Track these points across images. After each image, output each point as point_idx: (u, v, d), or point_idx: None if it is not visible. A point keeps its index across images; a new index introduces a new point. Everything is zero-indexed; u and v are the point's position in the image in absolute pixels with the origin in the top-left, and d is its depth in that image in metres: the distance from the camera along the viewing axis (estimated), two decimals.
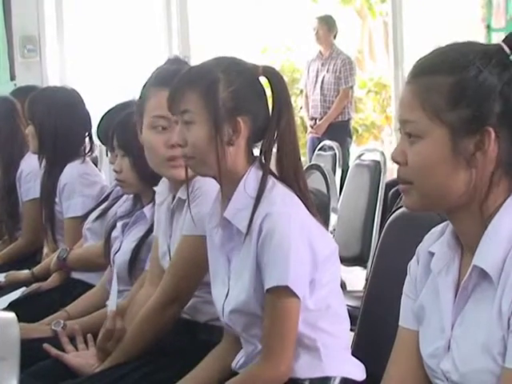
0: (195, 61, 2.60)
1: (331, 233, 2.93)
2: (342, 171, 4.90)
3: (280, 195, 2.31)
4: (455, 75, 1.72)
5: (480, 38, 9.30)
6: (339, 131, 8.25)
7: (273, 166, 2.38)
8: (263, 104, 2.35)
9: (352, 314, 2.54)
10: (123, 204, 3.34)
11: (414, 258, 1.96)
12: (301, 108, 9.47)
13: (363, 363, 2.38)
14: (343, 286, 3.98)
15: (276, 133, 2.34)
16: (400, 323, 1.95)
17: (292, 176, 2.36)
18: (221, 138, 2.30)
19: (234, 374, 2.39)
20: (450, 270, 1.83)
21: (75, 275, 3.75)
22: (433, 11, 9.92)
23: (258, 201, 2.28)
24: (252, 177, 2.33)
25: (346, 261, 4.03)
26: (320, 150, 5.34)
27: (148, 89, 2.74)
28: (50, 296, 3.65)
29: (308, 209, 2.34)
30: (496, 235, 1.73)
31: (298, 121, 10.36)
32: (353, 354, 2.45)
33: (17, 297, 3.66)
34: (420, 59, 1.80)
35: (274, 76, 2.36)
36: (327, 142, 5.24)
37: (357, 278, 2.64)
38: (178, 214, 2.74)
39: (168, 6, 8.83)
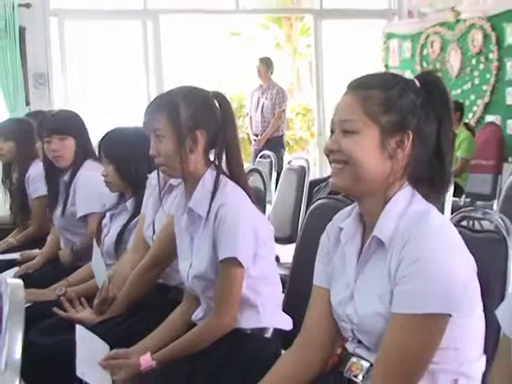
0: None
1: (268, 218, 2.95)
2: (277, 174, 4.89)
3: (231, 190, 2.34)
4: (387, 91, 1.74)
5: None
6: (275, 144, 8.25)
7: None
8: (215, 120, 2.34)
9: (283, 280, 2.55)
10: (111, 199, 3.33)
11: (324, 233, 1.96)
12: (247, 127, 9.46)
13: (291, 317, 2.40)
14: (278, 259, 3.98)
15: (224, 142, 2.34)
16: (314, 282, 1.95)
17: (238, 175, 2.38)
18: (184, 148, 2.31)
19: (194, 324, 2.39)
20: (355, 240, 1.84)
21: None
22: (345, 54, 9.97)
23: (214, 194, 2.31)
24: (209, 176, 2.35)
25: (281, 240, 4.02)
26: (260, 157, 5.33)
27: None
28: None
29: (251, 200, 2.36)
30: (390, 214, 1.75)
31: (244, 136, 10.37)
32: (283, 310, 2.46)
33: (12, 275, 3.54)
34: (357, 78, 1.81)
35: (222, 99, 2.37)
36: (266, 152, 5.23)
37: (288, 253, 2.66)
38: (167, 197, 2.75)
39: (146, 51, 8.84)
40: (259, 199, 2.73)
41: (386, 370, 1.67)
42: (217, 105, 2.35)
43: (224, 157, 2.35)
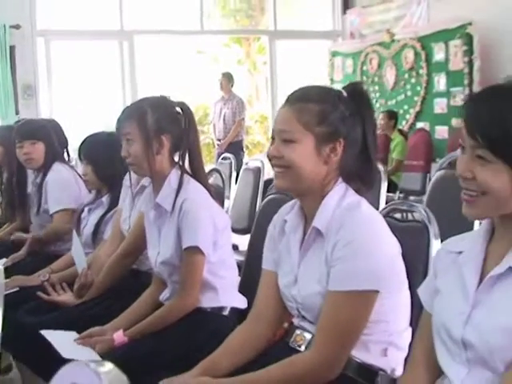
0: None
1: (226, 211, 2.95)
2: (237, 173, 4.88)
3: (193, 187, 2.34)
4: (322, 104, 1.74)
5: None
6: (236, 147, 8.24)
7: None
8: (178, 126, 2.34)
9: (240, 265, 2.56)
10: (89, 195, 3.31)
11: (271, 224, 1.97)
12: (211, 133, 9.43)
13: (246, 297, 2.40)
14: (237, 247, 3.98)
15: (187, 145, 2.34)
16: (263, 266, 1.95)
17: (199, 174, 2.39)
18: (151, 151, 2.30)
19: (162, 304, 2.38)
20: (297, 231, 1.84)
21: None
22: (296, 70, 9.98)
23: (178, 191, 2.31)
24: (174, 175, 2.35)
25: (239, 231, 4.03)
26: (222, 159, 5.31)
27: None
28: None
29: (211, 196, 2.36)
30: (326, 207, 1.76)
31: (209, 141, 10.33)
32: (239, 291, 2.46)
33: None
34: (293, 92, 1.79)
35: (185, 108, 2.38)
36: (226, 155, 5.21)
37: (246, 242, 2.67)
38: (139, 196, 2.73)
39: (122, 68, 8.79)
40: (219, 195, 2.73)
41: (323, 341, 1.68)
42: (180, 113, 2.35)
43: (187, 158, 2.36)
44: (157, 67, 11.93)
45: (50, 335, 2.29)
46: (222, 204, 2.88)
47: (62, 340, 2.27)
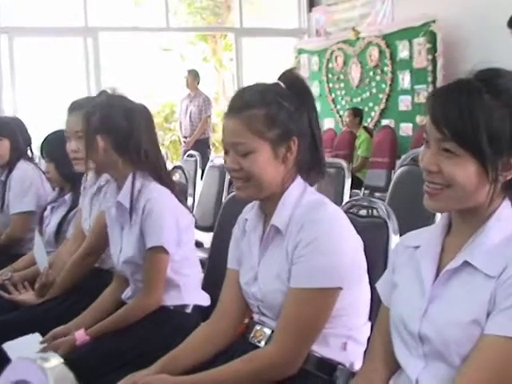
0: None
1: (189, 209, 2.94)
2: (202, 171, 4.87)
3: (155, 186, 2.33)
4: (267, 107, 1.71)
5: None
6: (202, 145, 8.21)
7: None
8: (127, 125, 2.30)
9: (205, 262, 2.56)
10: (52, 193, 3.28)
11: (236, 224, 1.96)
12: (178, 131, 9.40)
13: (209, 294, 2.39)
14: (202, 244, 3.98)
15: (143, 145, 2.32)
16: (228, 265, 1.95)
17: (160, 173, 2.37)
18: (93, 147, 2.31)
19: (123, 302, 2.37)
20: (257, 229, 1.84)
21: None
22: (262, 67, 9.98)
23: (133, 189, 2.30)
24: (130, 177, 2.33)
25: (204, 228, 4.02)
26: (188, 157, 5.30)
27: None
28: None
29: (174, 194, 2.35)
30: (285, 205, 1.76)
31: (176, 138, 10.32)
32: (203, 288, 2.46)
33: None
34: (234, 100, 1.76)
35: (138, 107, 2.35)
36: (192, 152, 5.20)
37: (211, 239, 2.69)
38: (97, 196, 2.72)
39: (87, 65, 8.74)
40: (182, 193, 2.73)
41: (284, 337, 1.69)
42: (134, 112, 2.32)
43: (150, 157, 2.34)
44: (122, 64, 11.89)
45: (12, 349, 2.26)
46: (185, 201, 2.87)
47: (23, 351, 2.22)
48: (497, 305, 1.29)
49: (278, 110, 1.71)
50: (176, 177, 3.45)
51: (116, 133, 2.29)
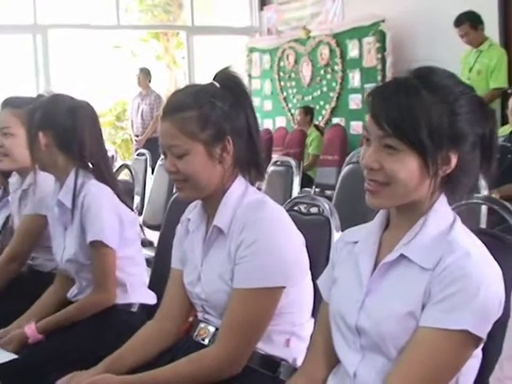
0: None
1: (136, 207, 2.93)
2: (153, 169, 4.85)
3: (94, 183, 2.31)
4: (200, 108, 1.71)
5: (244, 82, 9.41)
6: (154, 144, 7.93)
7: None
8: (70, 122, 2.29)
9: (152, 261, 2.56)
10: None
11: (179, 224, 1.96)
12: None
13: (156, 293, 2.37)
14: (152, 243, 3.96)
15: (86, 143, 2.30)
16: (171, 265, 1.95)
17: (102, 171, 2.36)
18: (35, 144, 2.30)
19: (70, 302, 2.35)
20: (200, 229, 1.85)
21: None
22: (214, 65, 9.96)
23: (75, 187, 2.29)
24: (73, 174, 2.31)
25: (154, 227, 4.02)
26: (138, 155, 5.27)
27: None
28: None
29: (116, 192, 2.34)
30: (227, 205, 1.77)
31: (128, 137, 10.24)
32: (150, 287, 2.45)
33: None
34: (168, 102, 1.77)
35: (80, 105, 2.33)
36: (142, 151, 5.17)
37: None
38: (25, 199, 2.67)
39: (36, 63, 8.60)
40: (128, 191, 2.71)
41: (228, 337, 1.70)
42: (76, 110, 2.31)
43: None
44: (73, 62, 11.75)
45: None
46: (131, 200, 2.86)
47: None
48: (431, 297, 1.32)
49: (210, 111, 1.71)
50: (124, 175, 3.43)
51: (58, 129, 2.28)
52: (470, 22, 5.93)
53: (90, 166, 2.35)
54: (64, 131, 2.28)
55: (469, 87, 1.41)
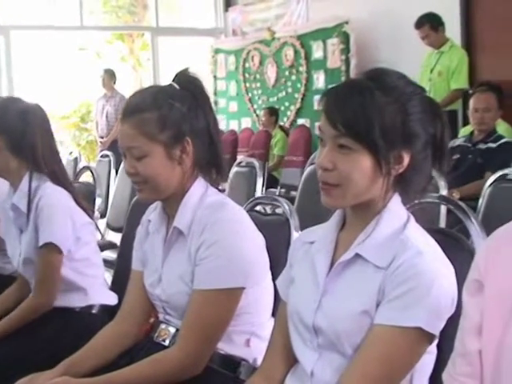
0: None
1: (97, 210, 2.92)
2: (116, 171, 4.83)
3: (48, 185, 2.30)
4: (158, 110, 1.71)
5: (209, 83, 9.45)
6: (118, 146, 8.11)
7: None
8: (21, 126, 2.27)
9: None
10: None
11: (140, 225, 1.96)
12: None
13: (119, 293, 2.36)
14: (114, 245, 3.93)
15: (38, 146, 2.29)
16: (132, 267, 1.95)
17: (57, 174, 2.34)
18: None
19: None
20: (160, 231, 1.85)
21: None
22: (180, 66, 9.92)
23: (29, 190, 2.27)
24: (27, 177, 2.30)
25: (118, 229, 3.99)
26: (101, 157, 5.24)
27: None
28: None
29: (72, 195, 2.33)
30: (187, 206, 1.77)
31: (93, 139, 10.17)
32: (112, 288, 2.44)
33: None
34: (127, 104, 1.77)
35: (36, 110, 2.33)
36: (105, 152, 5.14)
37: None
38: None
39: None
40: (89, 193, 2.70)
41: (189, 338, 1.70)
42: (30, 115, 2.29)
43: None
44: (37, 64, 11.64)
45: None
46: (93, 202, 2.85)
47: None
48: (385, 295, 1.34)
49: (169, 112, 1.71)
50: (87, 177, 3.41)
51: (10, 133, 2.26)
52: (430, 23, 6.00)
53: (45, 169, 2.34)
54: (15, 135, 2.26)
55: (419, 87, 1.43)
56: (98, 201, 2.95)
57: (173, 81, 1.79)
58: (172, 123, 1.71)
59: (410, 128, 1.37)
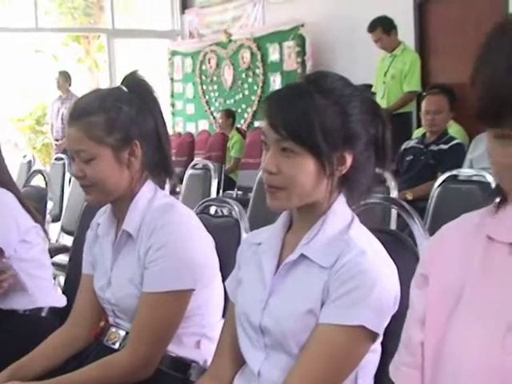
0: None
1: (49, 213, 2.90)
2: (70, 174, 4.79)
3: None
4: (106, 113, 1.71)
5: (167, 85, 9.43)
6: None
7: None
8: None
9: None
10: None
11: (89, 228, 1.95)
12: None
13: (69, 298, 2.31)
14: (67, 249, 3.90)
15: None
16: (82, 271, 1.95)
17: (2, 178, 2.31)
18: None
19: None
20: (110, 234, 1.84)
21: None
22: (136, 68, 9.85)
23: None
24: None
25: (72, 233, 3.95)
26: (56, 160, 5.19)
27: None
28: None
29: (17, 198, 2.30)
30: (135, 209, 1.77)
31: (48, 142, 10.05)
32: (63, 292, 2.42)
33: None
34: (74, 107, 1.75)
35: None
36: (60, 155, 5.10)
37: None
38: None
39: None
40: (41, 196, 2.67)
41: (138, 341, 1.70)
42: None
43: None
44: None
45: None
46: (44, 206, 2.82)
47: None
48: (330, 294, 1.35)
49: (117, 115, 1.71)
50: (39, 180, 3.38)
51: None
52: (382, 27, 6.06)
53: None
54: None
55: (359, 88, 1.45)
56: (50, 204, 2.93)
57: (121, 84, 1.78)
58: (120, 126, 1.71)
59: (351, 129, 1.39)
